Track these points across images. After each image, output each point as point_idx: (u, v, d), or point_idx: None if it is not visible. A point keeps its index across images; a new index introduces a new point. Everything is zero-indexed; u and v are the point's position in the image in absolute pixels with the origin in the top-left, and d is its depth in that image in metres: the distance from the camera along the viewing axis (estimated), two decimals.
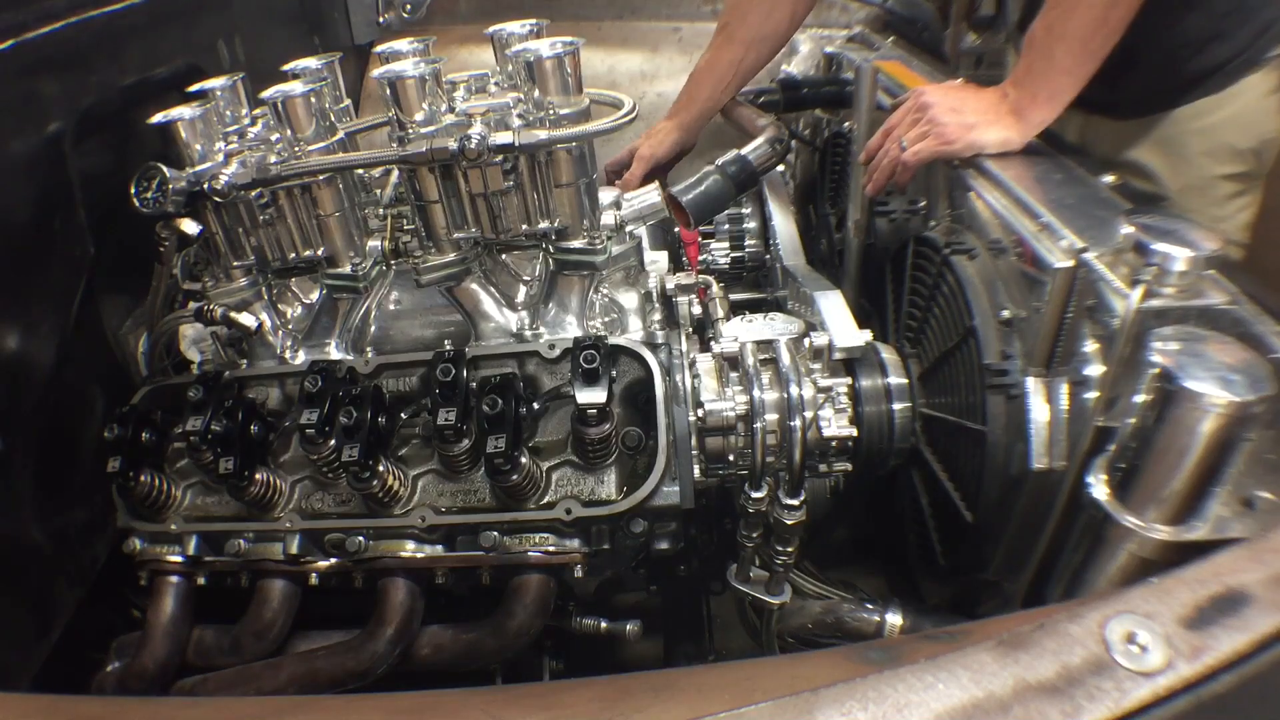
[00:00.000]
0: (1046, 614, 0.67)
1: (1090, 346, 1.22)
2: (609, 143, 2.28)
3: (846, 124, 2.21)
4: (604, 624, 1.61)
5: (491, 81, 1.59)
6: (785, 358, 1.34)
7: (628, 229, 1.50)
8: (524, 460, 1.33)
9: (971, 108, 1.56)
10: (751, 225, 2.20)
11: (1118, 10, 1.40)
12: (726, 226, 2.21)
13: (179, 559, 1.47)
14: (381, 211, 1.69)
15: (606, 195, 1.53)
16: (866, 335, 1.43)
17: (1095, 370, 1.20)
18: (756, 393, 1.32)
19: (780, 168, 2.11)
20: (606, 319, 1.50)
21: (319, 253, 1.50)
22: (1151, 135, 1.75)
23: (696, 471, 1.38)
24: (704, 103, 2.17)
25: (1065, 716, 0.59)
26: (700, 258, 2.19)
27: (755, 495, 1.35)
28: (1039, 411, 1.29)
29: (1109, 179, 1.48)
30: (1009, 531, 1.39)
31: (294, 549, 1.42)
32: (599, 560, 1.41)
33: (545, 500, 1.37)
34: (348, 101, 1.70)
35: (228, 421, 1.38)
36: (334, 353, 1.54)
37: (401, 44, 1.57)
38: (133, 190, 1.39)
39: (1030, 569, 1.35)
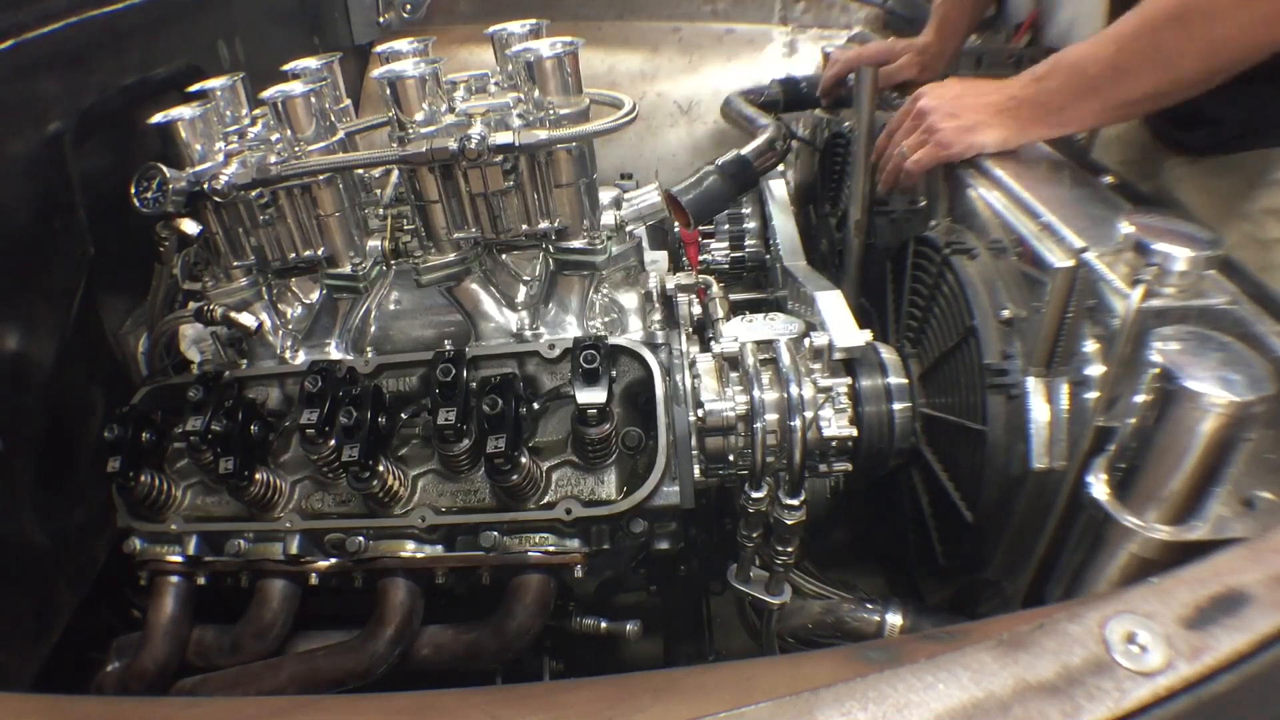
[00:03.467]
0: (1046, 614, 0.66)
1: (1090, 346, 1.22)
2: (609, 143, 2.28)
3: (846, 124, 2.21)
4: (604, 624, 1.60)
5: (491, 81, 1.59)
6: (785, 358, 1.34)
7: (628, 229, 1.50)
8: (524, 460, 1.33)
9: (970, 108, 1.55)
10: (751, 225, 2.20)
11: (1169, 97, 1.35)
12: (726, 226, 2.21)
13: (179, 559, 1.47)
14: (381, 211, 1.69)
15: (606, 195, 1.53)
16: (866, 335, 1.43)
17: (1095, 370, 1.20)
18: (756, 393, 1.32)
19: (780, 168, 2.11)
20: (606, 319, 1.50)
21: (319, 253, 1.50)
22: (1216, 182, 1.69)
23: (696, 471, 1.38)
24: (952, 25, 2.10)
25: (1065, 716, 0.59)
26: (700, 258, 2.20)
27: (755, 495, 1.35)
28: (1039, 411, 1.29)
29: (1109, 179, 1.48)
30: (1009, 531, 1.38)
31: (294, 549, 1.42)
32: (599, 560, 1.41)
33: (545, 500, 1.37)
34: (348, 101, 1.70)
35: (228, 421, 1.38)
36: (334, 353, 1.54)
37: (401, 44, 1.57)
38: (133, 190, 1.39)
39: (1030, 569, 1.35)
